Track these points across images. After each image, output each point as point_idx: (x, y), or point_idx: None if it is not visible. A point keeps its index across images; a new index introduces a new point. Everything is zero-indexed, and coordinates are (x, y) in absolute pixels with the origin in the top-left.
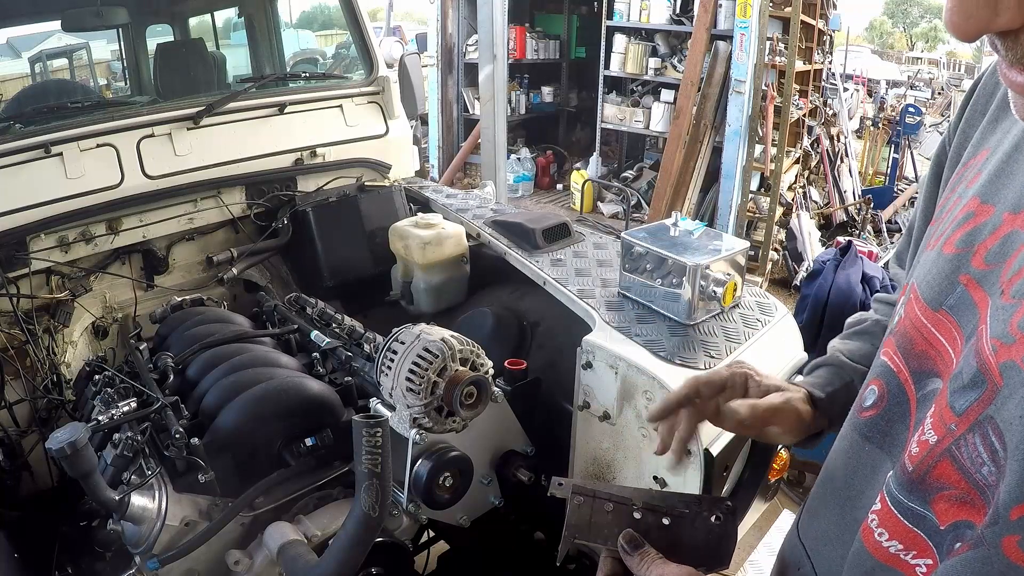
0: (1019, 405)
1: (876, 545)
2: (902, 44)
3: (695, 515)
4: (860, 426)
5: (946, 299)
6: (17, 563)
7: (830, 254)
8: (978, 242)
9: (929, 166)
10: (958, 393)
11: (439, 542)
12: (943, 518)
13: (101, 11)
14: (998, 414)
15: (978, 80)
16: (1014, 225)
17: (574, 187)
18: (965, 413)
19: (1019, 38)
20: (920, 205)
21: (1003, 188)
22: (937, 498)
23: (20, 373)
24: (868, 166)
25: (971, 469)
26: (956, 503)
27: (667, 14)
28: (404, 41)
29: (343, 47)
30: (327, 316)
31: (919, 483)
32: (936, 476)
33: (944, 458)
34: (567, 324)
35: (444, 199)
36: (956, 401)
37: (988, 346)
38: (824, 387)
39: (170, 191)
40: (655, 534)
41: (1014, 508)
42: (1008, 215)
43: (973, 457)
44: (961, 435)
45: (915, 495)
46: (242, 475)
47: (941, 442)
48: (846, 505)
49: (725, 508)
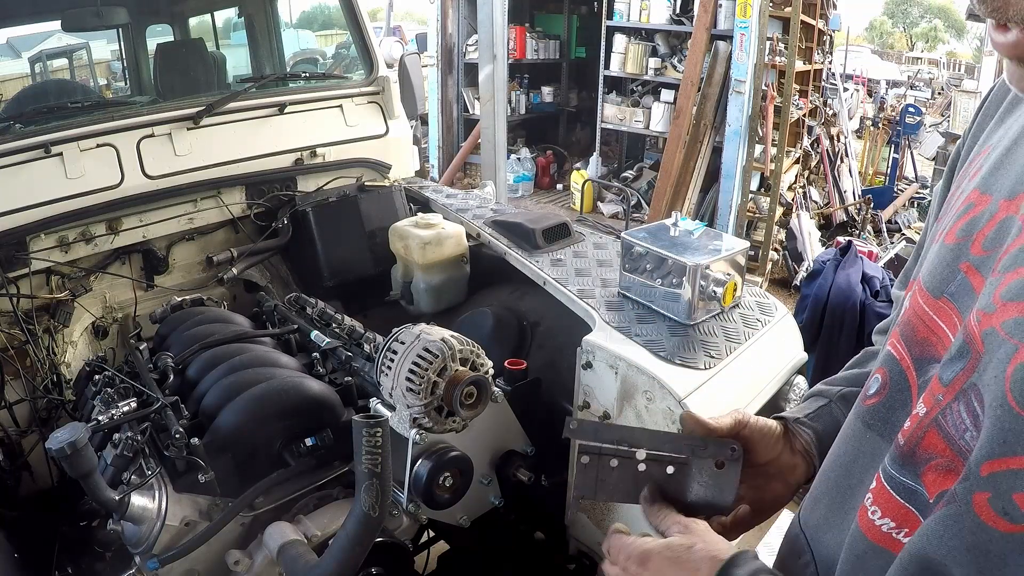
0: (996, 367)
1: (869, 524)
2: (902, 44)
3: (700, 462)
4: (863, 414)
5: (947, 287)
6: (17, 563)
7: (830, 254)
8: (976, 230)
9: (944, 174)
10: (946, 365)
11: (439, 542)
12: (932, 489)
13: (101, 11)
14: (980, 380)
15: (991, 90)
16: (1009, 211)
17: (574, 187)
18: (951, 383)
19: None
20: (934, 211)
21: (1001, 178)
22: (926, 469)
23: (20, 373)
24: (868, 166)
25: (955, 436)
26: (943, 472)
27: (667, 14)
28: (404, 41)
29: (343, 47)
30: (327, 316)
31: (910, 456)
32: (925, 447)
33: (931, 428)
34: (567, 324)
35: (444, 199)
36: (944, 372)
37: (974, 317)
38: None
39: (170, 191)
40: (660, 484)
41: (984, 464)
42: (1004, 202)
43: (957, 424)
44: (947, 404)
45: (907, 468)
46: (242, 475)
47: (929, 413)
48: (846, 492)
49: (730, 453)
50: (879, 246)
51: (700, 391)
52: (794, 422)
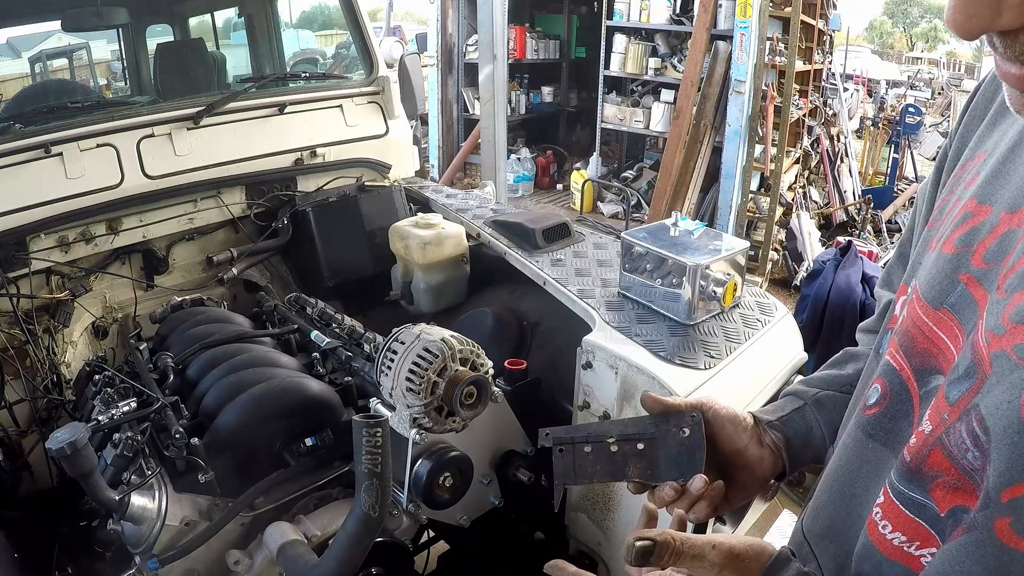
0: (1005, 392)
1: (881, 538)
2: (902, 44)
3: (665, 433)
4: (864, 424)
5: (947, 298)
6: (17, 563)
7: (830, 254)
8: (976, 241)
9: (931, 172)
10: (953, 384)
11: (439, 542)
12: (942, 504)
13: (101, 11)
14: (983, 402)
15: (978, 86)
16: (1011, 223)
17: (574, 187)
18: (957, 402)
19: (1019, 37)
20: (922, 210)
21: (1000, 188)
22: (934, 485)
23: (20, 373)
24: (868, 166)
25: (958, 456)
26: (951, 489)
27: (667, 14)
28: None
29: (343, 47)
30: (327, 316)
31: (917, 472)
32: (930, 464)
33: (936, 446)
34: (567, 324)
35: (444, 199)
36: (950, 392)
37: (982, 338)
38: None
39: (170, 191)
40: (633, 460)
41: (1004, 491)
42: (1005, 214)
43: (959, 444)
44: (951, 424)
45: (915, 484)
46: (242, 475)
47: (934, 431)
48: (851, 502)
49: (690, 420)
50: (879, 246)
51: (700, 391)
52: (765, 423)
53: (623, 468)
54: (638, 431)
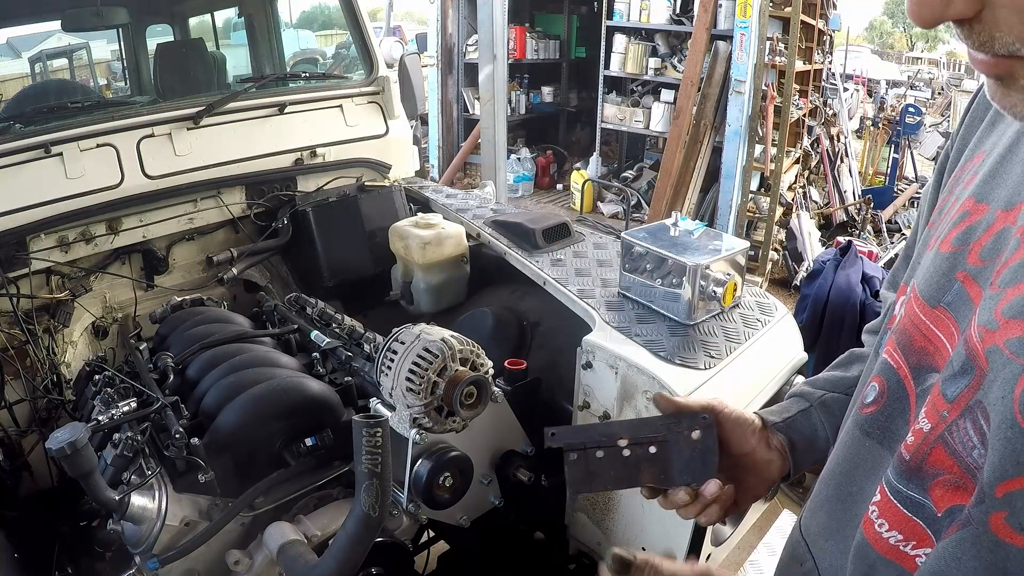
0: (1002, 387)
1: (876, 536)
2: (902, 44)
3: (677, 436)
4: (861, 422)
5: (944, 296)
6: (17, 563)
7: (830, 254)
8: (973, 240)
9: (932, 174)
10: (949, 381)
11: (439, 542)
12: (940, 504)
13: (101, 11)
14: (985, 398)
15: (980, 87)
16: (1006, 221)
17: (574, 187)
18: (956, 399)
19: (974, 26)
20: (924, 211)
21: (997, 187)
22: (934, 484)
23: (20, 373)
24: (868, 166)
25: (963, 453)
26: (951, 488)
27: (667, 14)
28: (404, 41)
29: (343, 47)
30: (327, 316)
31: (916, 471)
32: (932, 463)
33: (938, 444)
34: (567, 324)
35: (444, 199)
36: (947, 388)
37: (975, 334)
38: (780, 413)
39: (170, 191)
40: (646, 464)
41: (999, 485)
42: (1001, 212)
43: (964, 441)
44: (953, 421)
45: (913, 483)
46: (242, 475)
47: (934, 429)
48: (847, 500)
49: (702, 422)
50: (879, 246)
51: (700, 391)
52: (771, 425)
53: (636, 473)
54: (648, 433)
